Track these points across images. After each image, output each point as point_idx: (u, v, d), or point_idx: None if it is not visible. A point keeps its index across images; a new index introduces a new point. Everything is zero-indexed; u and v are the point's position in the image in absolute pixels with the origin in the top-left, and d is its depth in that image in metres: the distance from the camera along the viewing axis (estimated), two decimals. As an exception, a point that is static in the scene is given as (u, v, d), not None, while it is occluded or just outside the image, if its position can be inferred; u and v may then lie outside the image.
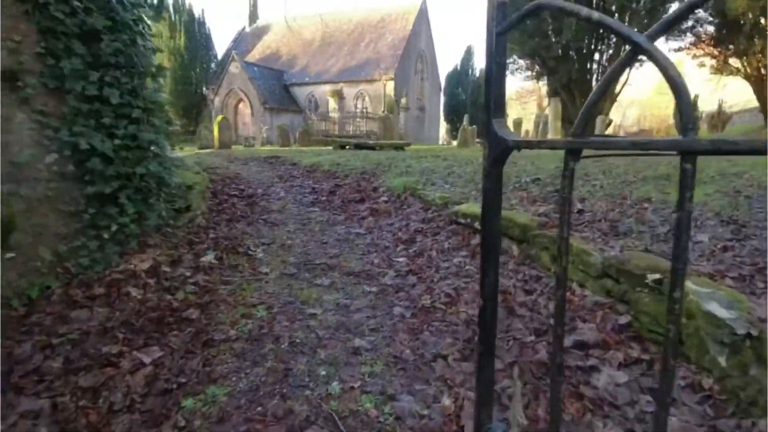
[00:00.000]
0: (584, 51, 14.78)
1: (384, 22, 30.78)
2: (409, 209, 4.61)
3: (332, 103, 26.65)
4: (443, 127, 39.37)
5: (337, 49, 30.73)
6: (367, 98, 27.66)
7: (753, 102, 27.62)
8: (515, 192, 4.49)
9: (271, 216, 4.51)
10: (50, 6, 2.39)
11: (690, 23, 14.79)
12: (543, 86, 33.73)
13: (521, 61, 16.51)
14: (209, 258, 3.07)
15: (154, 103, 2.78)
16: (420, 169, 6.24)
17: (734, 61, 15.10)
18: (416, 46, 30.48)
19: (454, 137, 30.86)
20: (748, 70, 14.61)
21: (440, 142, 35.23)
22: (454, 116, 35.47)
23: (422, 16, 30.86)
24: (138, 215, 2.77)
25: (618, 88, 16.14)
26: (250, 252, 3.40)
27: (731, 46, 14.63)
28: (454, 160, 7.09)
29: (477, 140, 23.81)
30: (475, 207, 3.90)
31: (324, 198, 5.37)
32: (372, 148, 11.08)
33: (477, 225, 3.67)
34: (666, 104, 34.86)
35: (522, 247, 3.23)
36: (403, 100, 24.89)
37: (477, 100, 34.66)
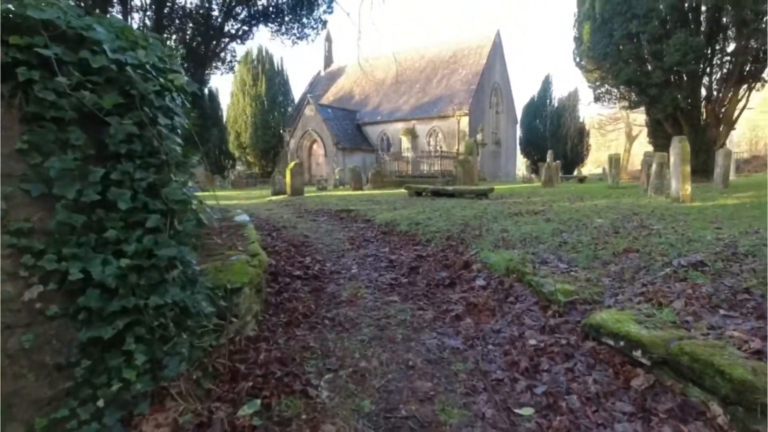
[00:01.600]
0: (692, 75, 12.78)
1: (456, 57, 30.27)
2: (518, 305, 3.45)
3: (405, 142, 26.24)
4: (519, 159, 37.41)
5: (409, 86, 30.64)
6: (440, 135, 26.94)
7: None
8: (670, 283, 3.18)
9: (340, 311, 3.58)
10: (35, 85, 1.69)
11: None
12: (630, 113, 30.88)
13: (615, 90, 14.78)
14: (250, 411, 2.16)
15: (180, 203, 1.98)
16: (519, 235, 5.04)
17: None
18: (490, 79, 29.48)
19: (534, 171, 28.90)
20: None
21: (519, 177, 33.33)
22: (531, 149, 33.58)
23: (496, 48, 29.94)
24: (151, 364, 1.94)
25: (736, 113, 13.78)
26: (309, 391, 2.45)
27: None
28: (559, 220, 5.80)
29: (561, 176, 21.82)
30: (625, 319, 2.68)
31: (404, 278, 4.37)
32: (451, 195, 10.03)
33: (637, 355, 2.44)
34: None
35: (733, 413, 1.96)
36: (479, 136, 23.76)
37: (557, 132, 32.59)
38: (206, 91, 21.95)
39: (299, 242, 5.74)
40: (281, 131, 31.45)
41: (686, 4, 11.80)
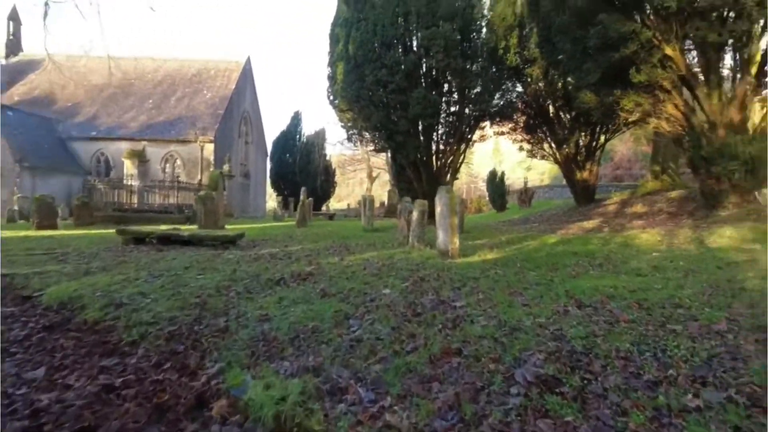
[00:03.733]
0: (428, 128, 14.11)
1: (201, 77, 27.09)
2: None
3: (129, 166, 21.22)
4: (269, 194, 36.38)
5: (140, 100, 25.51)
6: (179, 161, 23.04)
7: (546, 180, 32.85)
8: (532, 424, 2.04)
9: None
10: None
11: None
12: (372, 156, 34.34)
13: (366, 133, 15.24)
14: None
15: None
16: (288, 328, 3.29)
17: (547, 146, 16.45)
18: (240, 105, 27.50)
19: (285, 206, 28.10)
20: (558, 156, 15.94)
21: (269, 211, 31.98)
22: (282, 182, 32.93)
23: (246, 75, 28.33)
24: None
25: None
26: None
27: (542, 134, 15.98)
28: (337, 290, 4.36)
29: (312, 212, 21.54)
30: None
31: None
32: (188, 242, 7.51)
33: None
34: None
35: None
36: (226, 166, 21.27)
37: (306, 167, 33.02)
38: None
39: None
40: None
41: (425, 65, 13.00)
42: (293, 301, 3.96)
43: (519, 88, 14.76)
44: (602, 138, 14.31)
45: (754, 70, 7.35)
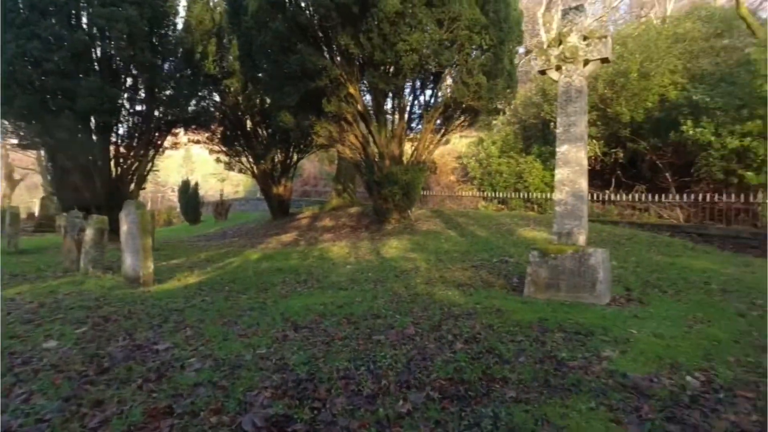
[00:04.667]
0: (106, 127, 11.68)
1: None
2: None
3: None
4: None
5: None
6: None
7: (241, 192, 32.76)
8: None
9: None
10: None
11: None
12: (15, 152, 25.74)
13: (6, 123, 11.12)
14: None
15: None
16: None
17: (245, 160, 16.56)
18: None
19: None
20: (255, 170, 16.34)
21: None
22: None
23: None
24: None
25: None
26: None
27: (240, 147, 16.02)
28: None
29: None
30: None
31: None
32: None
33: None
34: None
35: None
36: None
37: None
38: None
39: None
40: None
41: (99, 50, 10.62)
42: None
43: (217, 98, 14.25)
44: (295, 156, 15.51)
45: (405, 116, 9.60)
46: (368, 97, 9.67)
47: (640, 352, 2.80)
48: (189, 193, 21.80)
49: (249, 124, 15.14)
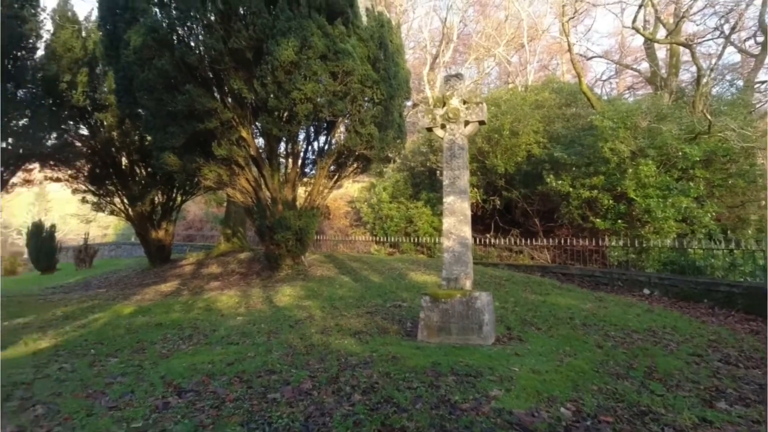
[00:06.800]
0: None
1: None
2: None
3: None
4: None
5: None
6: None
7: (111, 236, 29.08)
8: None
9: None
10: None
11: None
12: None
13: None
14: None
15: None
16: None
17: (118, 201, 14.97)
18: None
19: None
20: (130, 212, 14.88)
21: None
22: None
23: None
24: None
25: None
26: None
27: (113, 187, 14.49)
28: None
29: None
30: None
31: None
32: None
33: None
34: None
35: None
36: None
37: None
38: None
39: None
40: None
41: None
42: None
43: (86, 132, 12.80)
44: (179, 198, 14.41)
45: (299, 162, 9.61)
46: (261, 141, 9.52)
47: (522, 388, 3.05)
48: (42, 237, 18.76)
49: (125, 162, 13.78)
